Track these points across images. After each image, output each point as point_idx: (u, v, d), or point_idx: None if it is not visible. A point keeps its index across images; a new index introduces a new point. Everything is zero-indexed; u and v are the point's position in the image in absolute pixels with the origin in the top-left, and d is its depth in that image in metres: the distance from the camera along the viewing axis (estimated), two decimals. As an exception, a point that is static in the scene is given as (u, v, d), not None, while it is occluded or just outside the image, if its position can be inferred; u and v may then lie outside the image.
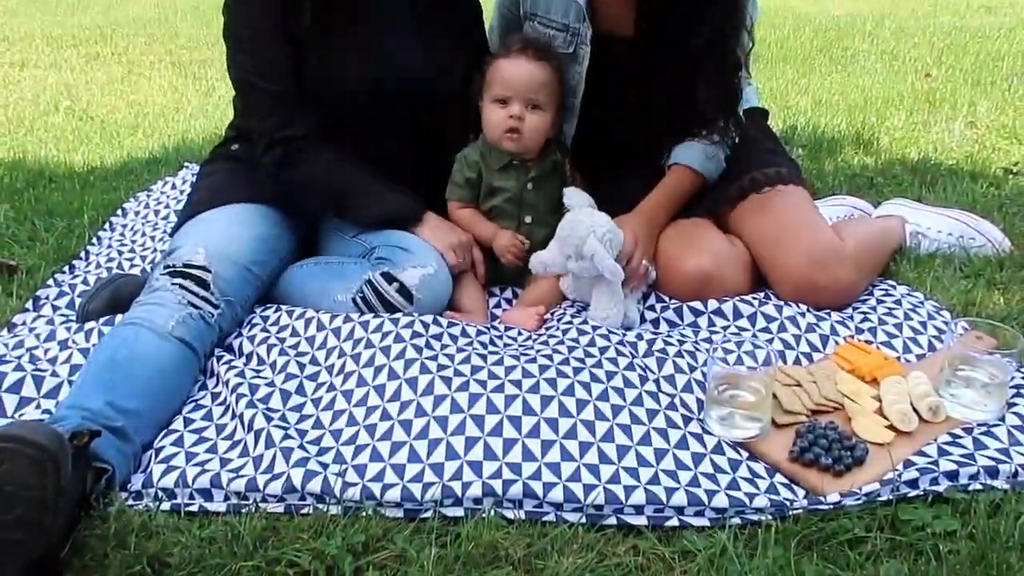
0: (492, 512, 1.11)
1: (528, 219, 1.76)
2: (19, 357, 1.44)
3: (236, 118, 1.85)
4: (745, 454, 1.25)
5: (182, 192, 2.29)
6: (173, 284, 1.46)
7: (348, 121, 1.70)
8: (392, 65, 1.69)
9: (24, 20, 6.11)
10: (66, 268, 1.87)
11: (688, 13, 1.67)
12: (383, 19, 1.71)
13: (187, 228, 1.64)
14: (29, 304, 1.70)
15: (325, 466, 1.18)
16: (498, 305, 1.79)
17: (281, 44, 1.63)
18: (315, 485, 1.13)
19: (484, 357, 1.40)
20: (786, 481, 1.20)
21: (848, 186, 2.39)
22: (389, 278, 1.56)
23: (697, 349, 1.50)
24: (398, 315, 1.51)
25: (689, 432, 1.26)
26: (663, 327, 1.64)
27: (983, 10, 6.08)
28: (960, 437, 1.26)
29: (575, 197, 1.65)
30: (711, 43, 1.66)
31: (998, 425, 1.28)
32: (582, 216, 1.56)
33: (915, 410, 1.31)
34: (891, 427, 1.29)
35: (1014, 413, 1.31)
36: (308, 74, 1.66)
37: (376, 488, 1.14)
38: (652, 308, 1.68)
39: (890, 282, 1.80)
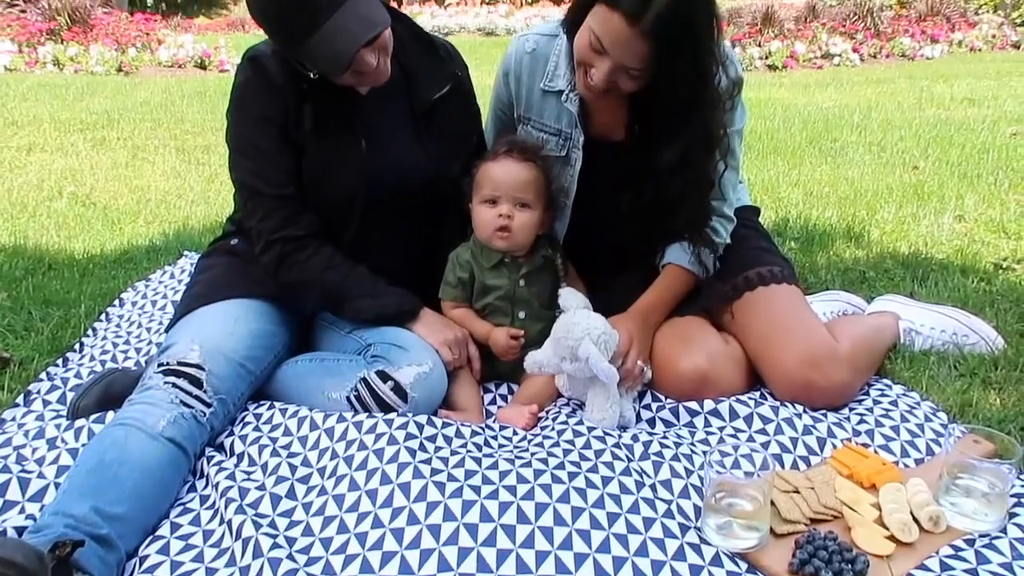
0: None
1: (522, 315, 1.78)
2: (5, 457, 1.42)
3: (236, 213, 1.87)
4: (744, 566, 1.22)
5: (180, 282, 2.31)
6: (166, 383, 1.46)
7: (347, 220, 1.73)
8: (391, 168, 1.73)
9: (34, 104, 6.26)
10: (60, 361, 1.87)
11: (673, 120, 1.70)
12: (383, 123, 1.75)
13: (183, 323, 1.65)
14: (20, 399, 1.68)
15: (313, 578, 1.15)
16: (493, 401, 1.78)
17: (282, 150, 1.67)
18: (302, 599, 1.10)
19: (478, 460, 1.39)
20: (786, 596, 1.17)
21: (841, 280, 2.41)
22: (384, 376, 1.56)
23: (694, 452, 1.49)
24: (392, 415, 1.50)
25: (686, 542, 1.24)
26: (659, 427, 1.63)
27: (966, 102, 6.27)
28: (962, 550, 1.23)
29: (570, 298, 1.66)
30: (679, 162, 1.66)
31: (1000, 537, 1.26)
32: (577, 318, 1.57)
33: (915, 519, 1.29)
34: (891, 537, 1.26)
35: (1015, 524, 1.29)
36: (308, 175, 1.70)
37: (365, 603, 1.10)
38: (648, 407, 1.68)
39: (886, 381, 1.80)
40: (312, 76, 1.59)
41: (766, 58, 9.69)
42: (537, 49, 1.84)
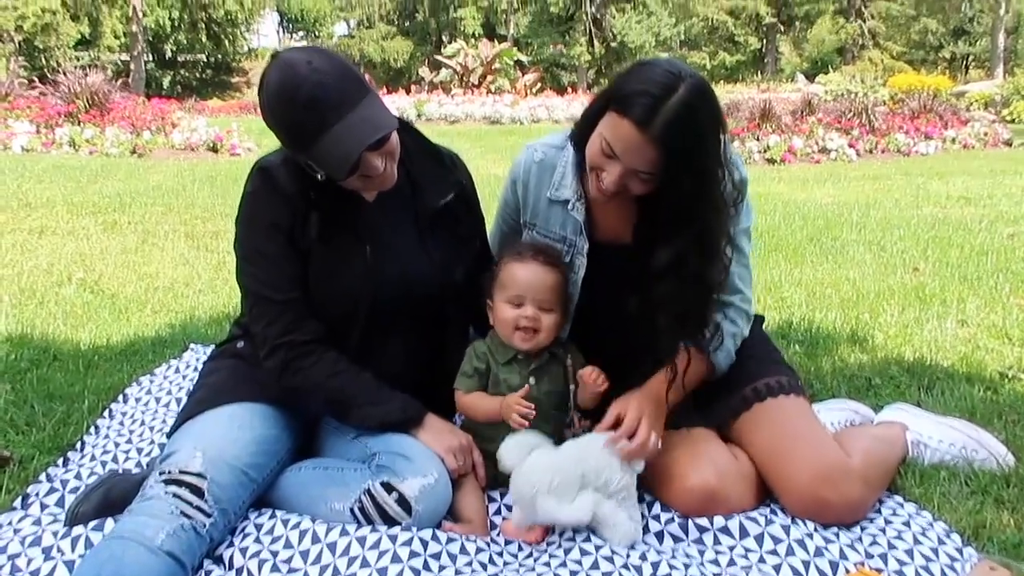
0: None
1: (532, 380, 1.77)
2: (0, 567, 1.39)
3: (242, 316, 1.89)
4: None
5: (184, 377, 2.31)
6: (167, 492, 1.44)
7: (352, 325, 1.74)
8: (396, 274, 1.75)
9: (49, 186, 6.40)
10: (60, 461, 1.85)
11: (674, 222, 1.71)
12: (388, 229, 1.79)
13: (186, 429, 1.64)
14: (18, 502, 1.66)
15: None
16: (498, 511, 1.74)
17: (289, 256, 1.69)
18: None
19: (484, 581, 1.35)
20: None
21: (847, 387, 2.40)
22: (388, 488, 1.54)
23: (703, 574, 1.46)
24: (396, 529, 1.48)
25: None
26: (667, 542, 1.60)
27: (962, 201, 6.39)
28: None
29: (507, 457, 1.62)
30: (674, 262, 1.68)
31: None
32: (523, 472, 1.56)
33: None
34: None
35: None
36: (314, 281, 1.72)
37: None
38: (656, 518, 1.65)
39: (898, 498, 1.78)
40: (320, 179, 1.63)
41: (765, 152, 9.94)
42: (545, 159, 1.90)
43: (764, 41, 38.57)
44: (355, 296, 1.72)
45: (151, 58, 37.57)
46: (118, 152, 9.21)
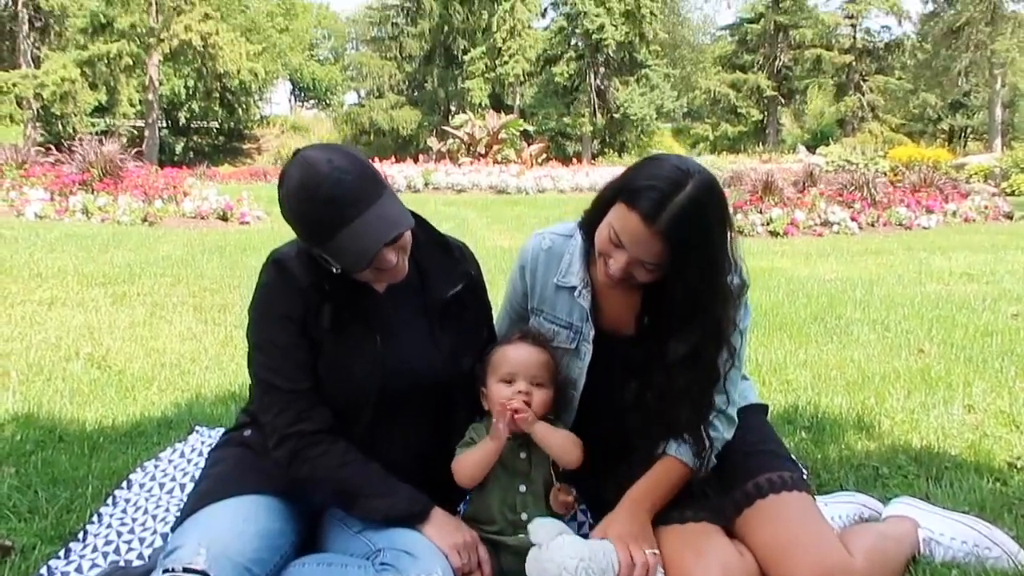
0: None
1: (522, 488, 1.79)
2: (-2, 671, 1.37)
3: (250, 404, 1.90)
4: None
5: (189, 461, 2.31)
6: (170, 590, 1.43)
7: (360, 413, 1.76)
8: (405, 364, 1.78)
9: (60, 255, 6.48)
10: (61, 552, 1.83)
11: (685, 314, 1.75)
12: (398, 320, 1.82)
13: (191, 523, 1.63)
14: (17, 599, 1.64)
15: None
16: (503, 611, 1.72)
17: (300, 345, 1.72)
18: None
19: None
20: None
21: (854, 477, 2.39)
22: (392, 586, 1.53)
23: None
24: (399, 633, 1.46)
25: None
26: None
27: (965, 277, 6.43)
28: None
29: (540, 531, 1.65)
30: (689, 355, 1.72)
31: None
32: (551, 553, 1.56)
33: None
34: None
35: None
36: (324, 370, 1.74)
37: None
38: (663, 616, 1.62)
39: (907, 599, 1.74)
40: (335, 271, 1.67)
41: (768, 224, 10.05)
42: (553, 247, 1.95)
43: (765, 113, 39.37)
44: (365, 385, 1.74)
45: (165, 124, 38.47)
46: (130, 220, 9.35)
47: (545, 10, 39.38)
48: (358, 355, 1.75)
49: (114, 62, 30.95)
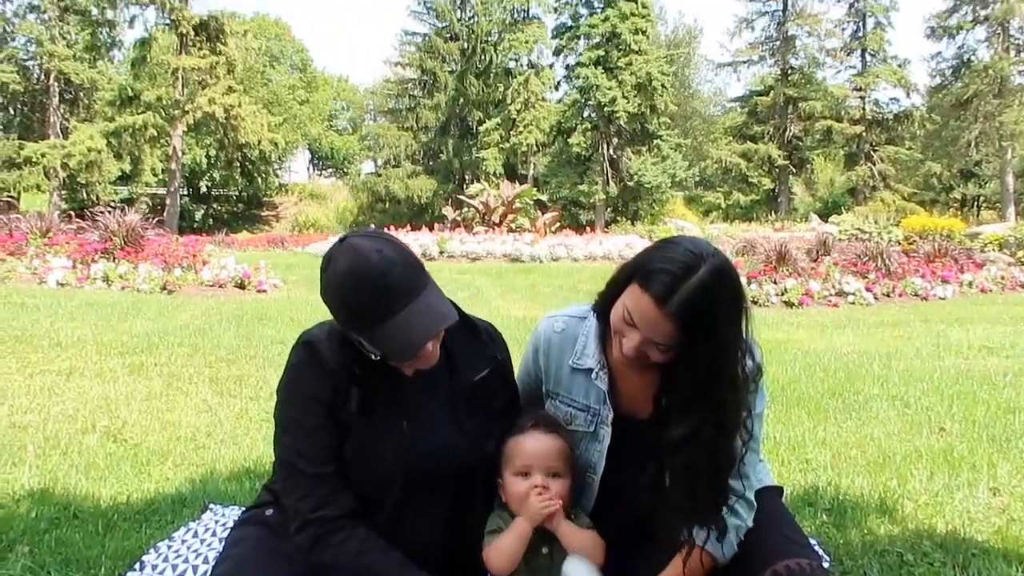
0: None
1: (544, 550, 1.77)
2: None
3: (272, 481, 1.90)
4: None
5: (203, 542, 2.29)
6: None
7: (384, 497, 1.75)
8: (430, 448, 1.78)
9: (80, 325, 6.56)
10: (72, 642, 1.81)
11: (691, 397, 1.73)
12: (425, 404, 1.82)
13: (209, 608, 1.62)
14: None
15: None
16: None
17: (327, 427, 1.73)
18: None
19: None
20: None
21: (878, 564, 2.33)
22: None
23: None
24: None
25: None
26: None
27: (984, 350, 6.36)
28: None
29: (577, 569, 1.65)
30: (689, 436, 1.70)
31: None
32: None
33: None
34: None
35: None
36: (350, 453, 1.74)
37: None
38: None
39: None
40: (374, 357, 1.68)
41: (782, 294, 10.03)
42: (567, 329, 1.96)
43: (777, 182, 39.76)
44: (392, 469, 1.74)
45: (186, 192, 39.35)
46: (149, 288, 9.47)
47: (559, 83, 40.37)
48: (386, 439, 1.75)
49: (139, 133, 31.87)
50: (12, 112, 35.66)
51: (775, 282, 10.34)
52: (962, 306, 9.94)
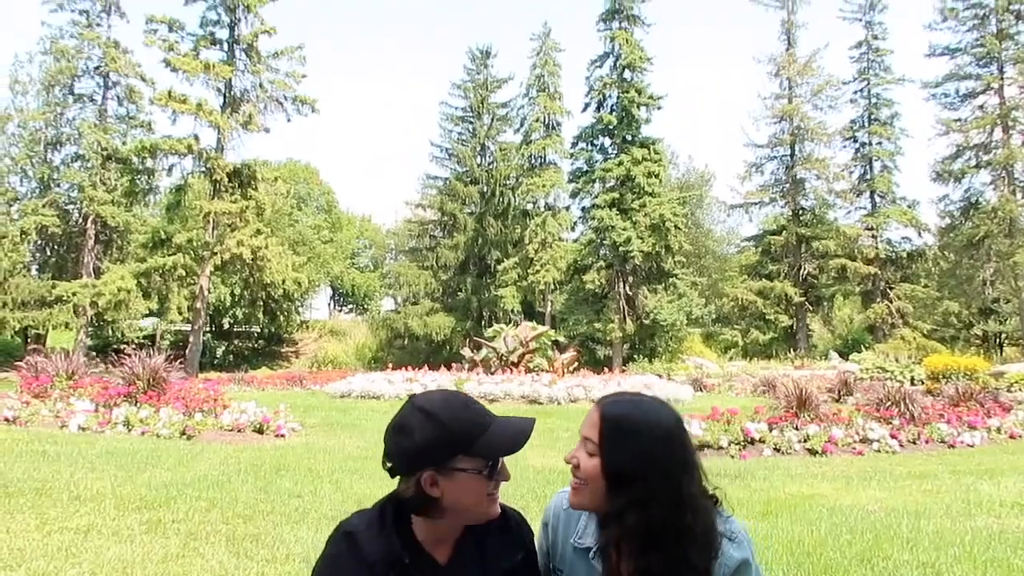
0: None
1: None
2: None
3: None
4: None
5: None
6: None
7: None
8: None
9: (99, 476, 6.57)
10: None
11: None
12: None
13: None
14: None
15: None
16: None
17: None
18: None
19: None
20: None
21: None
22: None
23: None
24: None
25: None
26: None
27: (1017, 508, 6.17)
28: None
29: None
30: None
31: None
32: None
33: None
34: None
35: None
36: None
37: None
38: None
39: None
40: (406, 561, 1.74)
41: (805, 441, 9.87)
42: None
43: (795, 319, 39.82)
44: None
45: (209, 328, 40.03)
46: (169, 433, 9.51)
47: (575, 224, 41.56)
48: None
49: (169, 273, 32.86)
50: (48, 252, 37.09)
51: (797, 428, 10.19)
52: (991, 455, 9.69)
